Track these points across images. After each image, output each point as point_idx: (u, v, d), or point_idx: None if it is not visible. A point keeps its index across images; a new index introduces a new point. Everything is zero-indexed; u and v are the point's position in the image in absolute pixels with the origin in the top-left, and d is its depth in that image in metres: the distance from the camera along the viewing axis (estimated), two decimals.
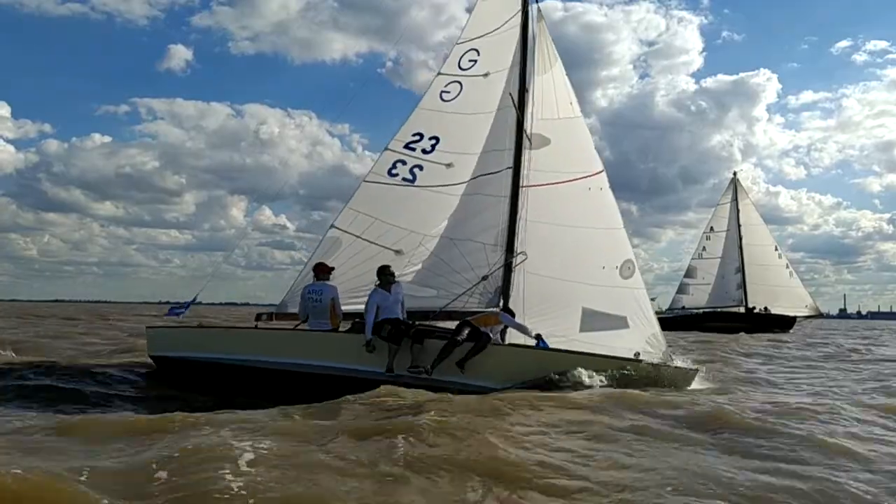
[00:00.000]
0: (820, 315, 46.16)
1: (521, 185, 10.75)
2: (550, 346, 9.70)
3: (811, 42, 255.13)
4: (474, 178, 11.21)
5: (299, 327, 9.69)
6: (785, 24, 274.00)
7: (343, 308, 9.95)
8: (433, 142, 11.63)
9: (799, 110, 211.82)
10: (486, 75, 11.73)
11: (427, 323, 9.73)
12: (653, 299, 10.59)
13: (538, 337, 9.33)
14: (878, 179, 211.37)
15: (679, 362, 10.22)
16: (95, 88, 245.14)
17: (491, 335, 9.15)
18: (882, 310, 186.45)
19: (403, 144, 11.59)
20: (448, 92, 11.92)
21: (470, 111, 11.63)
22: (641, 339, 10.06)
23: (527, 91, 11.07)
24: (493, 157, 11.18)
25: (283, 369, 8.94)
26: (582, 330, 10.25)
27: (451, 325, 9.58)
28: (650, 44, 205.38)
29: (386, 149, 11.63)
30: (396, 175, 11.44)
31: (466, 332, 8.98)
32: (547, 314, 10.30)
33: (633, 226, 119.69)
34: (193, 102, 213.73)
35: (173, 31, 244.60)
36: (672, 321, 37.40)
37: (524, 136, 10.90)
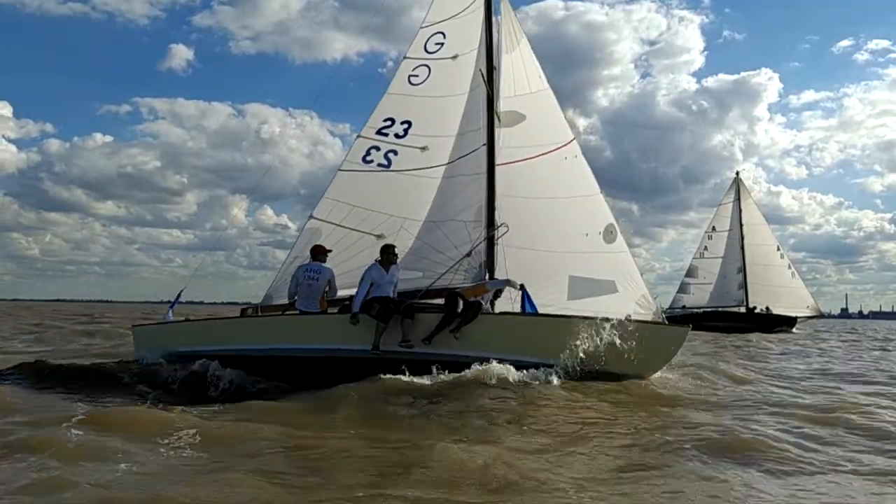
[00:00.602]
0: (821, 315, 46.12)
1: (497, 161, 10.77)
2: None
3: (812, 41, 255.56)
4: (451, 161, 11.21)
5: (286, 312, 9.50)
6: (786, 24, 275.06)
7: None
8: (405, 126, 11.58)
9: (800, 110, 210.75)
10: (454, 58, 11.73)
11: (417, 300, 9.64)
12: (654, 298, 10.62)
13: (522, 287, 9.54)
14: (880, 179, 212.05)
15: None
16: (97, 88, 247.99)
17: (483, 303, 9.14)
18: (884, 310, 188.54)
19: (375, 130, 11.51)
20: (416, 76, 11.89)
21: (440, 94, 11.62)
22: (631, 302, 10.19)
23: (495, 69, 11.13)
24: (468, 139, 11.18)
25: (271, 356, 8.76)
26: (570, 298, 10.33)
27: (440, 302, 9.52)
28: (651, 43, 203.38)
29: (358, 136, 11.53)
30: (371, 161, 11.35)
31: (461, 303, 8.96)
32: (535, 285, 10.31)
33: (634, 226, 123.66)
34: (194, 102, 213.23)
35: (174, 31, 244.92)
36: (671, 320, 37.24)
37: (495, 114, 10.94)
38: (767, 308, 40.85)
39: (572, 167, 10.87)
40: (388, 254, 9.27)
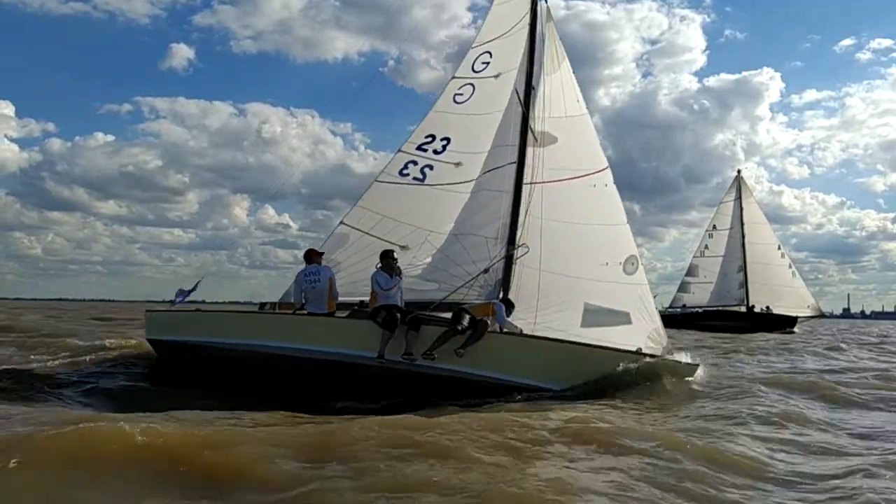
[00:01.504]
0: (822, 315, 45.00)
1: (525, 181, 10.72)
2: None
3: (814, 40, 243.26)
4: (481, 175, 11.28)
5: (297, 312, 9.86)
6: (787, 23, 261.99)
7: (343, 298, 10.13)
8: (444, 142, 11.78)
9: (802, 109, 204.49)
10: (497, 76, 11.82)
11: (425, 313, 9.74)
12: (654, 297, 10.26)
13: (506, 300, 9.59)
14: (882, 179, 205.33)
15: (681, 357, 9.89)
16: (98, 87, 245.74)
17: (489, 322, 9.10)
18: (886, 309, 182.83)
19: (416, 146, 11.79)
20: (461, 94, 12.07)
21: (480, 111, 11.73)
22: (643, 335, 9.82)
23: (533, 89, 11.10)
24: (498, 153, 11.24)
25: (277, 353, 9.09)
26: (583, 325, 10.07)
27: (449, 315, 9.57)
28: (653, 42, 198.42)
29: (399, 150, 11.86)
30: (407, 175, 11.63)
31: (467, 318, 8.95)
32: (548, 309, 10.20)
33: (636, 225, 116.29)
34: (196, 101, 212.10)
35: (175, 30, 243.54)
36: (671, 318, 35.87)
37: (530, 132, 10.90)
38: (768, 307, 40.05)
39: (600, 195, 10.63)
40: (387, 258, 9.40)
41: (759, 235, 41.97)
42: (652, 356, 9.31)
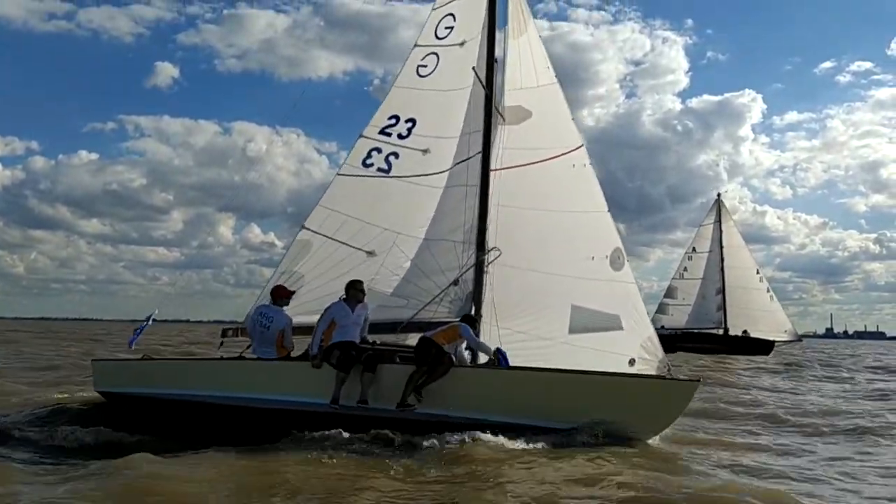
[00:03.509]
0: (799, 339, 45.02)
1: (494, 166, 9.46)
2: (531, 352, 8.67)
3: (794, 63, 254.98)
4: (452, 167, 10.06)
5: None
6: (768, 45, 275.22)
7: (311, 318, 9.23)
8: (409, 125, 10.48)
9: (784, 130, 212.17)
10: (462, 44, 10.37)
11: (389, 343, 8.82)
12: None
13: (498, 352, 8.19)
14: (864, 199, 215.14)
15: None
16: (82, 105, 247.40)
17: (454, 356, 8.13)
18: (869, 329, 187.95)
19: (379, 130, 10.50)
20: (425, 66, 10.66)
21: (446, 87, 10.38)
22: (636, 344, 8.78)
23: (496, 62, 9.68)
24: (465, 142, 9.96)
25: (225, 403, 8.30)
26: (572, 331, 9.05)
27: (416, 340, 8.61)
28: (636, 63, 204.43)
29: (360, 136, 10.58)
30: (371, 165, 10.41)
31: (434, 352, 7.96)
32: (530, 313, 9.17)
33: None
34: (181, 120, 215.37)
35: (159, 49, 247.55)
36: None
37: (495, 110, 9.57)
38: (745, 331, 40.32)
39: (580, 177, 9.38)
40: (354, 290, 8.43)
41: (738, 259, 42.28)
42: (661, 377, 8.27)
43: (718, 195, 44.69)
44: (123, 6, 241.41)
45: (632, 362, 8.57)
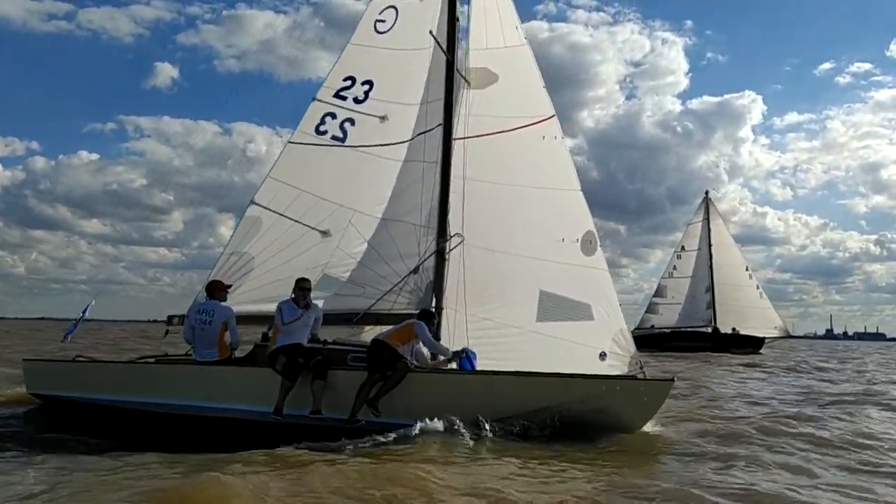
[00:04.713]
0: (789, 336, 45.04)
1: (457, 135, 8.61)
2: (498, 341, 8.08)
3: (794, 64, 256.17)
4: (412, 138, 9.17)
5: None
6: (767, 46, 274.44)
7: (262, 307, 8.57)
8: (366, 87, 9.55)
9: (784, 131, 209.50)
10: None
11: (341, 341, 8.15)
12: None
13: (463, 353, 7.56)
14: (864, 200, 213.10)
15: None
16: (82, 106, 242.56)
17: (411, 357, 7.48)
18: (869, 330, 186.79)
19: (333, 93, 9.55)
20: (383, 21, 9.66)
21: (405, 46, 9.42)
22: (607, 336, 8.17)
23: (457, 20, 8.67)
24: (430, 110, 9.04)
25: (160, 411, 7.66)
26: (540, 319, 8.43)
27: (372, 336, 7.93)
28: (636, 64, 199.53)
29: (314, 99, 9.63)
30: (325, 133, 9.49)
31: (386, 355, 7.31)
32: (495, 299, 8.52)
33: (621, 246, 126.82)
34: (180, 120, 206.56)
35: (159, 49, 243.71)
36: (641, 339, 35.23)
37: (457, 73, 8.64)
38: (734, 329, 39.78)
39: (551, 151, 8.57)
40: (301, 289, 7.66)
41: (728, 257, 41.80)
42: (633, 377, 7.69)
43: (707, 193, 44.27)
44: (123, 6, 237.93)
45: (602, 356, 8.01)
